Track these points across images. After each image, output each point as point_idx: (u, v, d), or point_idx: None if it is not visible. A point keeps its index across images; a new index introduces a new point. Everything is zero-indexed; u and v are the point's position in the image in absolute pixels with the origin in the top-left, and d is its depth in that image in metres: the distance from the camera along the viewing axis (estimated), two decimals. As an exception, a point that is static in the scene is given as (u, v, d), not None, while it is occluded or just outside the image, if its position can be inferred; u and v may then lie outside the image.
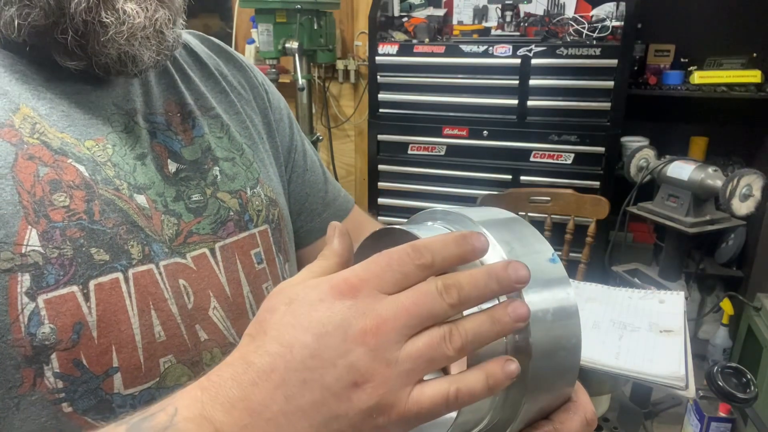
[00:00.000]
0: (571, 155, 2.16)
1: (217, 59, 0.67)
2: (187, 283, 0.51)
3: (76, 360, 0.43)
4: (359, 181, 3.02)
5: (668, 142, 2.35)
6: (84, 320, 0.44)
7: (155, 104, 0.56)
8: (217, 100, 0.62)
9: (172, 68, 0.59)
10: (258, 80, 0.70)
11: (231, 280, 0.55)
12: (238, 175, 0.59)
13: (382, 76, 2.31)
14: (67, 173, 0.46)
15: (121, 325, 0.46)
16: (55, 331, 0.42)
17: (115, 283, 0.46)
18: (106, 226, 0.46)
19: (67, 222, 0.44)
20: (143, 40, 0.48)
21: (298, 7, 2.28)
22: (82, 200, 0.46)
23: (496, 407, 0.34)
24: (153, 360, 0.48)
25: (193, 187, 0.55)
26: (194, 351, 0.51)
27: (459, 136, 2.28)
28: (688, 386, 0.74)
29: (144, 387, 0.47)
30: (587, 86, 2.08)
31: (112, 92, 0.52)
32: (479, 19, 2.40)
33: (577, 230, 1.90)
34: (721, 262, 2.50)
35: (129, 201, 0.49)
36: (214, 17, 3.09)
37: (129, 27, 0.46)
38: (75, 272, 0.44)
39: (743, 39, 2.42)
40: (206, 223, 0.54)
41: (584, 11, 2.25)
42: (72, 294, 0.43)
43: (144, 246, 0.48)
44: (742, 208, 1.63)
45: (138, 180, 0.50)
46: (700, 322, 2.40)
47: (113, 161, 0.49)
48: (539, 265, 0.35)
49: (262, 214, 0.60)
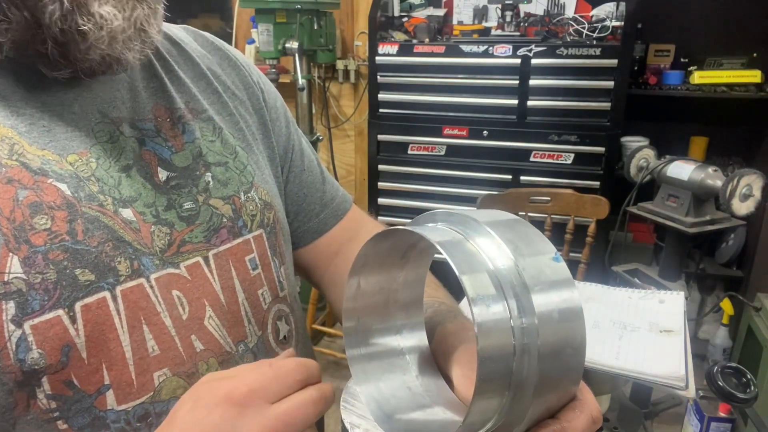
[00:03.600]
0: (571, 155, 2.16)
1: (210, 58, 0.65)
2: (181, 293, 0.51)
3: (66, 381, 0.43)
4: (359, 181, 3.02)
5: (668, 142, 2.35)
6: (72, 342, 0.43)
7: (143, 110, 0.54)
8: (209, 102, 0.61)
9: (162, 71, 0.58)
10: (253, 79, 0.68)
11: (225, 288, 0.54)
12: (231, 180, 0.58)
13: (382, 76, 2.31)
14: (48, 194, 0.45)
15: (110, 344, 0.45)
16: (43, 356, 0.42)
17: (102, 302, 0.45)
18: (91, 244, 0.45)
19: (50, 245, 0.43)
20: (125, 41, 0.46)
21: (298, 7, 2.28)
22: (64, 221, 0.45)
23: (504, 408, 0.34)
24: (146, 375, 0.47)
25: (185, 195, 0.54)
26: (190, 363, 0.50)
27: (459, 136, 2.28)
28: (688, 386, 0.74)
29: (137, 402, 0.47)
30: (587, 86, 2.08)
31: (96, 99, 0.51)
32: (479, 19, 2.40)
33: (577, 230, 1.90)
34: (721, 262, 2.50)
35: (114, 216, 0.48)
36: (214, 17, 3.10)
37: (108, 31, 0.45)
38: (60, 296, 0.43)
39: (743, 39, 2.42)
40: (199, 231, 0.54)
41: (584, 11, 2.25)
42: (58, 318, 0.43)
43: (132, 261, 0.48)
44: (742, 208, 1.63)
45: (123, 193, 0.49)
46: (700, 322, 2.40)
47: (97, 176, 0.48)
48: (544, 265, 0.35)
49: (257, 219, 0.59)
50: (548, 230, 1.92)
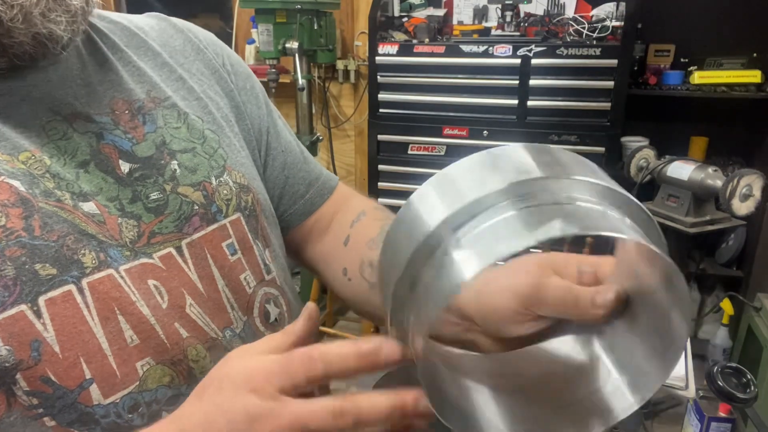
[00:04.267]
0: (571, 155, 2.15)
1: (173, 44, 0.64)
2: (158, 282, 0.50)
3: (43, 377, 0.43)
4: (359, 181, 3.01)
5: (668, 142, 2.35)
6: (40, 337, 0.43)
7: (99, 104, 0.53)
8: (172, 89, 0.60)
9: (118, 63, 0.57)
10: (219, 63, 0.67)
11: (203, 276, 0.54)
12: (199, 165, 0.57)
13: (382, 76, 2.31)
14: (1, 192, 0.44)
15: (84, 336, 0.45)
16: (12, 352, 0.41)
17: (68, 295, 0.44)
18: (50, 239, 0.45)
19: (5, 242, 0.43)
20: (44, 14, 0.44)
21: (298, 7, 2.28)
22: (19, 217, 0.44)
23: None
24: (128, 365, 0.47)
25: (150, 185, 0.53)
26: (176, 349, 0.50)
27: (459, 136, 2.27)
28: (688, 386, 0.74)
29: (124, 393, 0.46)
30: (587, 86, 2.08)
31: (46, 98, 0.50)
32: (479, 19, 2.40)
33: (577, 230, 1.90)
34: (721, 262, 2.50)
35: (73, 211, 0.47)
36: (214, 17, 3.10)
37: (20, 8, 0.43)
38: (21, 291, 0.42)
39: (743, 39, 2.42)
40: (169, 221, 0.53)
41: (584, 11, 2.25)
42: (21, 313, 0.42)
43: (98, 253, 0.47)
44: (742, 208, 1.63)
45: (83, 188, 0.48)
46: (700, 322, 2.40)
47: (52, 172, 0.47)
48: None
49: (233, 203, 0.58)
50: (548, 230, 1.92)
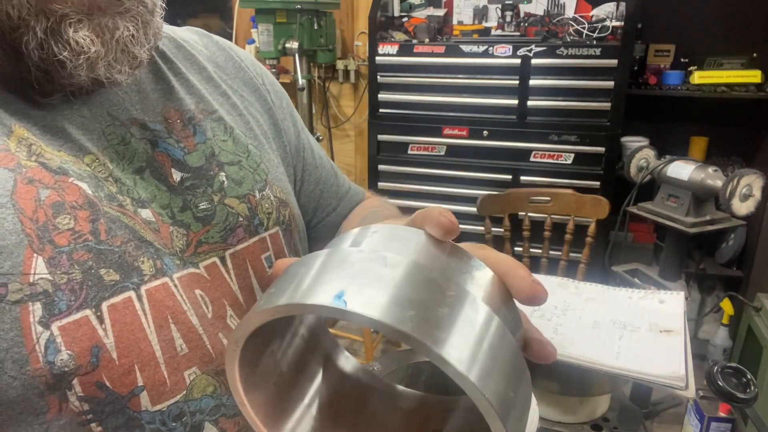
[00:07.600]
0: (571, 155, 2.16)
1: (216, 60, 0.65)
2: (203, 292, 0.51)
3: (99, 383, 0.43)
4: (359, 181, 3.02)
5: (668, 142, 2.35)
6: (101, 343, 0.43)
7: (153, 112, 0.54)
8: (218, 103, 0.61)
9: (169, 73, 0.58)
10: (259, 80, 0.68)
11: (243, 287, 0.55)
12: (245, 178, 0.58)
13: (382, 76, 2.31)
14: (70, 193, 0.44)
15: (141, 343, 0.45)
16: (73, 357, 0.42)
17: (128, 302, 0.45)
18: (114, 244, 0.45)
19: (74, 245, 0.43)
20: (109, 65, 0.45)
21: (298, 7, 2.28)
22: (86, 220, 0.44)
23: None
24: (177, 374, 0.47)
25: (200, 195, 0.54)
26: (220, 359, 0.50)
27: (459, 136, 2.28)
28: (688, 386, 0.73)
29: (171, 402, 0.47)
30: (587, 86, 2.08)
31: (105, 102, 0.51)
32: (479, 19, 2.40)
33: (577, 230, 1.90)
34: (721, 262, 2.50)
35: (134, 216, 0.48)
36: (214, 17, 3.10)
37: (86, 59, 0.43)
38: (86, 296, 0.43)
39: (743, 39, 2.42)
40: (215, 231, 0.54)
41: (584, 11, 2.25)
42: (86, 318, 0.43)
43: (155, 260, 0.48)
44: (742, 208, 1.63)
45: (140, 194, 0.49)
46: (700, 322, 2.40)
47: (114, 176, 0.48)
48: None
49: (273, 216, 0.60)
50: (548, 230, 1.92)
